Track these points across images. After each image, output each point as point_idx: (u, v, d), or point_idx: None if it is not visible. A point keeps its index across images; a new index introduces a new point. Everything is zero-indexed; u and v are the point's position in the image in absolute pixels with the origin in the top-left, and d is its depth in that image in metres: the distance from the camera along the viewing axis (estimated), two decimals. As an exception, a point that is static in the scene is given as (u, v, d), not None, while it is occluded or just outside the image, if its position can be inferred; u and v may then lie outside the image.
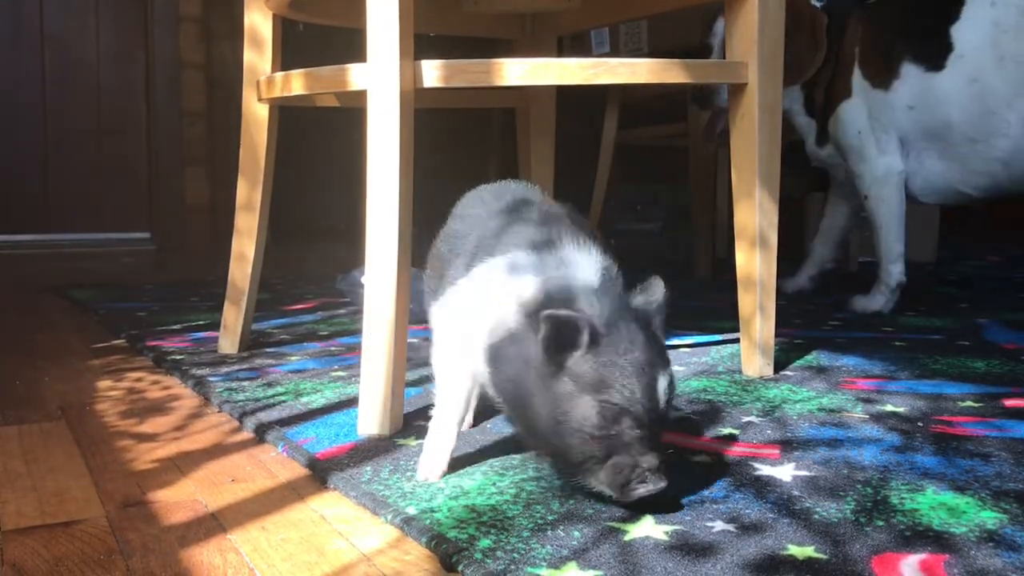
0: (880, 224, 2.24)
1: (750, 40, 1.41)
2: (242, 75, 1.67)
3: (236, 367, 1.65)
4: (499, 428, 1.24)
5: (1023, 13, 2.02)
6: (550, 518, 0.92)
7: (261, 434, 1.25)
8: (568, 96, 2.26)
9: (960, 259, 3.36)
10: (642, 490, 0.88)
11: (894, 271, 2.25)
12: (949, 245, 3.47)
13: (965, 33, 2.07)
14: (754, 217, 1.45)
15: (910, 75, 2.14)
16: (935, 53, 2.10)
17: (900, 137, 2.19)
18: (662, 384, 0.89)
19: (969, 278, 2.86)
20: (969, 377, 1.51)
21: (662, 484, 0.89)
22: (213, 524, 0.95)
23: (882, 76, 2.19)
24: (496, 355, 0.93)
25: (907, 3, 2.21)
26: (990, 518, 0.90)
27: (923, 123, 2.16)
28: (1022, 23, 2.02)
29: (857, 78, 2.22)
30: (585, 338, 0.87)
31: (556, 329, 0.87)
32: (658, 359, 0.90)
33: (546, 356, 0.88)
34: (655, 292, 0.97)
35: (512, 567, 0.80)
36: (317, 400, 1.40)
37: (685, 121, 3.55)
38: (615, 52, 3.54)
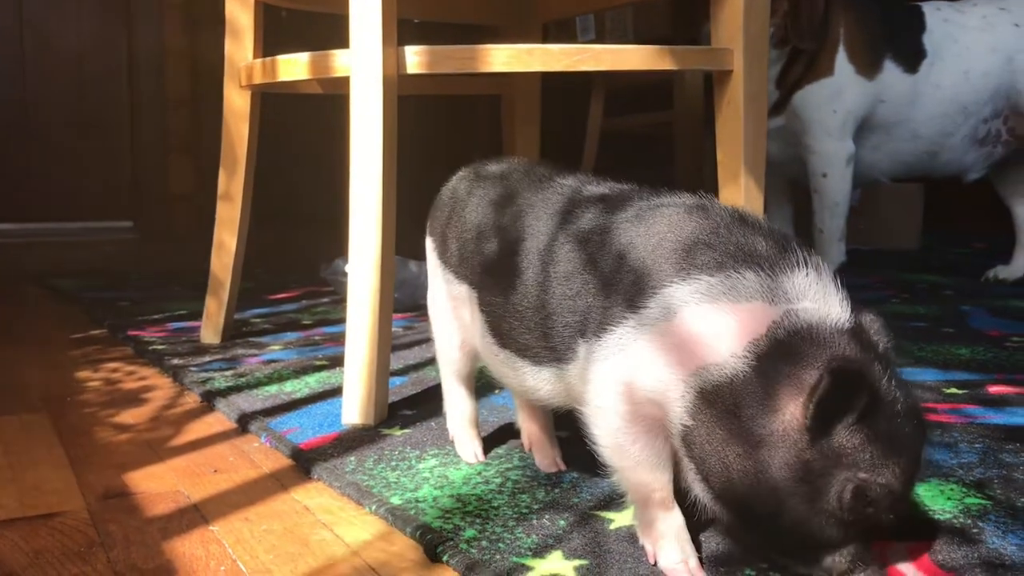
0: (835, 202, 2.35)
1: (735, 27, 1.40)
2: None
3: (218, 357, 1.63)
4: (484, 417, 1.23)
5: (979, 30, 2.33)
6: (535, 507, 0.91)
7: (244, 424, 1.24)
8: (553, 83, 2.25)
9: (945, 246, 3.37)
10: None
11: (840, 249, 2.40)
12: (933, 232, 3.48)
13: (932, 44, 2.33)
14: (740, 205, 1.44)
15: (889, 72, 2.33)
16: (912, 57, 2.33)
17: (858, 125, 2.35)
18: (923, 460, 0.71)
19: (954, 265, 2.87)
20: (953, 364, 1.52)
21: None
22: (195, 515, 0.94)
23: (868, 66, 2.32)
24: (703, 406, 0.72)
25: (883, 8, 2.40)
26: (974, 504, 0.90)
27: (885, 117, 2.35)
28: (979, 42, 2.32)
29: (842, 59, 2.31)
30: (865, 401, 0.67)
31: (840, 386, 0.66)
32: (924, 430, 0.71)
33: (814, 421, 0.67)
34: (879, 335, 0.74)
35: (497, 556, 0.80)
36: (301, 390, 1.39)
37: (671, 109, 3.55)
38: (600, 39, 3.53)
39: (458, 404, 1.08)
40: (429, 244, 1.06)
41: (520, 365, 0.88)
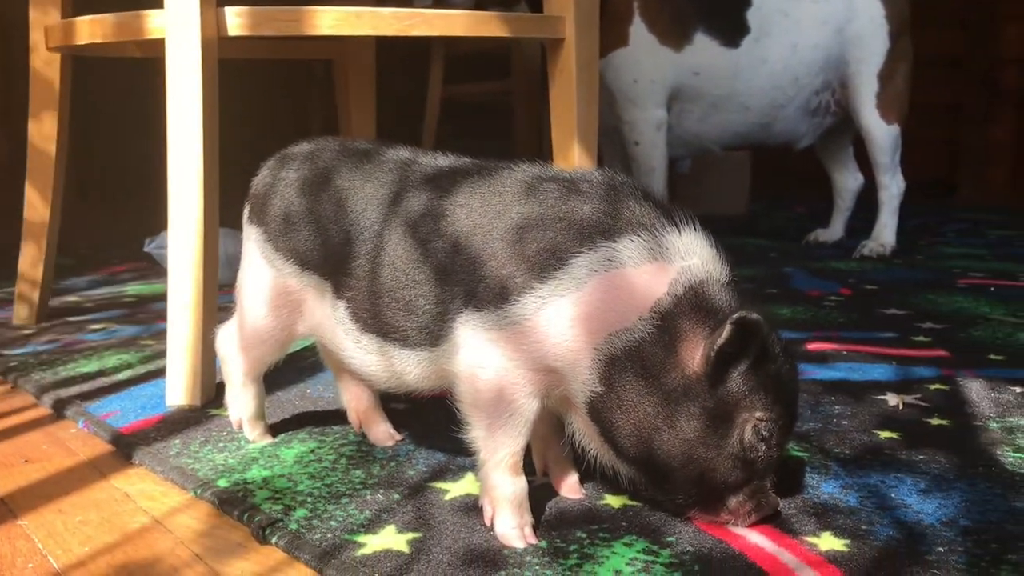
0: (651, 168, 2.40)
1: (566, -6, 1.40)
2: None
3: (32, 339, 1.53)
4: (319, 393, 1.20)
5: (811, 2, 2.36)
6: (370, 482, 0.89)
7: (60, 410, 1.16)
8: (392, 49, 2.21)
9: (771, 211, 3.53)
10: (761, 513, 0.78)
11: None
12: (760, 198, 3.64)
13: (758, 19, 2.35)
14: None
15: (703, 45, 2.35)
16: (731, 32, 2.35)
17: (670, 95, 2.38)
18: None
19: (779, 229, 3.01)
20: (776, 323, 1.58)
21: (777, 504, 0.79)
22: (2, 510, 0.88)
23: (674, 37, 2.35)
24: (613, 371, 0.74)
25: None
26: (793, 458, 0.94)
27: (705, 89, 2.38)
28: (810, 14, 2.35)
29: (640, 30, 2.34)
30: (757, 347, 0.74)
31: (741, 336, 0.72)
32: (798, 369, 0.81)
33: (713, 369, 0.73)
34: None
35: (328, 535, 0.78)
36: (123, 371, 1.31)
37: (508, 77, 3.56)
38: (439, 4, 3.48)
39: (251, 399, 1.01)
40: (255, 234, 0.95)
41: (388, 349, 0.84)
